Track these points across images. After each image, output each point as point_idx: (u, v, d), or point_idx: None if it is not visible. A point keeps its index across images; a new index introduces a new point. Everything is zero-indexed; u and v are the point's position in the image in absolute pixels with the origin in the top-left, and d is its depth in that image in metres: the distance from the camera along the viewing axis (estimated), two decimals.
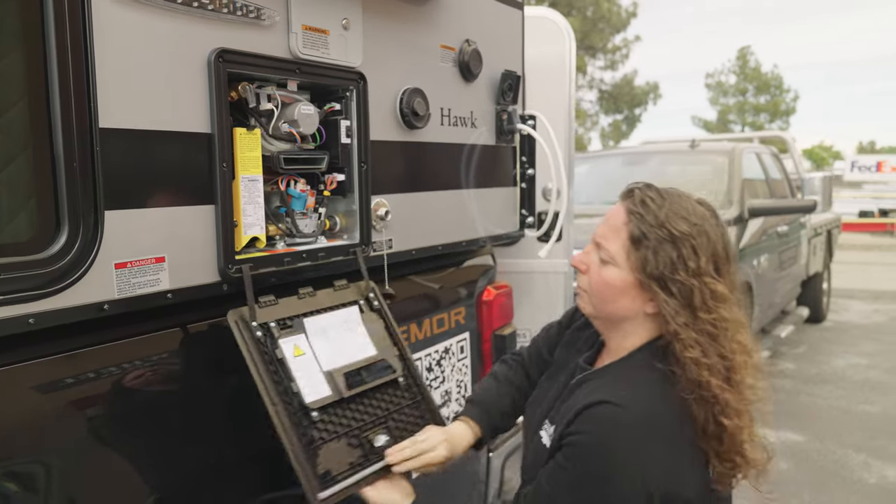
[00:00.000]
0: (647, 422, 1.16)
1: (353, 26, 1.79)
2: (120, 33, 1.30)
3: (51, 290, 1.22)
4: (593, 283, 1.29)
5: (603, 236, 1.28)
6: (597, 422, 1.17)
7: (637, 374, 1.24)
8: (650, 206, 1.23)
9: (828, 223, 8.28)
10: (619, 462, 1.14)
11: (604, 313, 1.30)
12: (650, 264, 1.20)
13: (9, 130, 1.20)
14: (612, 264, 1.25)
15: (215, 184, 1.49)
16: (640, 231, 1.22)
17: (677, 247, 1.20)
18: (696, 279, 1.19)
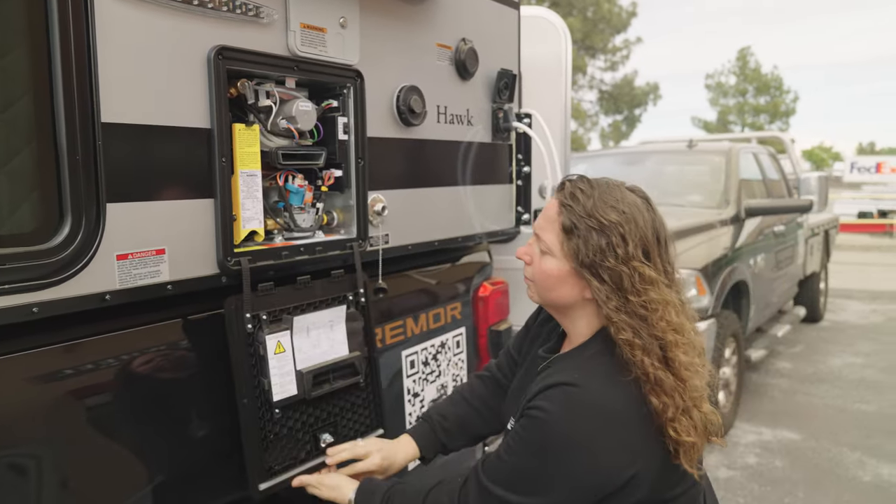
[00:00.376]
0: (601, 401, 1.21)
1: (350, 25, 1.82)
2: (122, 30, 1.33)
3: (54, 280, 1.25)
4: (535, 273, 1.35)
5: (540, 228, 1.33)
6: (555, 400, 1.21)
7: (591, 360, 1.29)
8: (579, 197, 1.28)
9: (825, 223, 8.31)
10: (576, 438, 1.19)
11: (548, 301, 1.36)
12: (581, 252, 1.25)
13: (14, 124, 1.23)
14: (549, 254, 1.31)
15: (215, 178, 1.52)
16: (570, 222, 1.27)
17: (606, 235, 1.25)
18: (624, 265, 1.24)
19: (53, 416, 1.32)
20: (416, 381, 2.26)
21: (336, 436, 1.78)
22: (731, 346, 5.01)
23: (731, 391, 5.10)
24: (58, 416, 1.33)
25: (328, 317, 1.77)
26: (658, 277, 1.26)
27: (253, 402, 1.60)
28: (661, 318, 1.24)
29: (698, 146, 6.50)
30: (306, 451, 1.72)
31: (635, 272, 1.24)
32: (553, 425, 1.20)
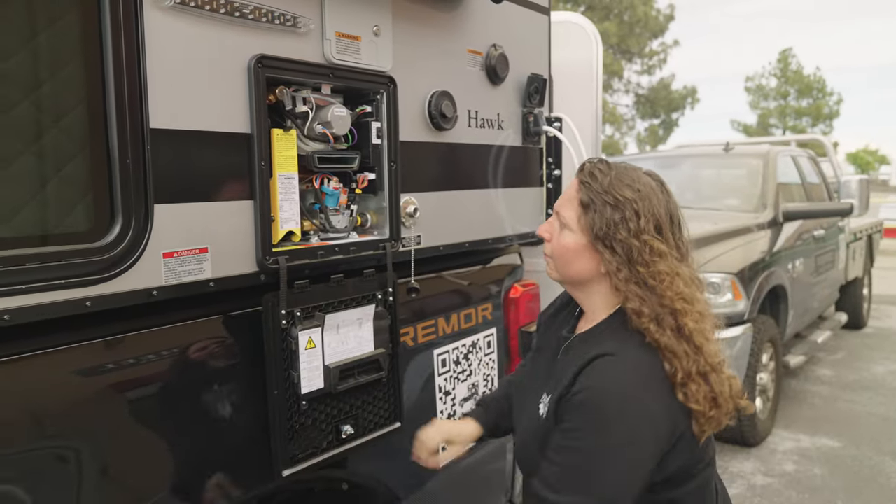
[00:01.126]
0: (640, 364, 1.28)
1: (383, 33, 1.89)
2: (169, 42, 1.42)
3: (105, 277, 1.34)
4: (555, 248, 1.42)
5: (560, 205, 1.42)
6: (597, 373, 1.27)
7: (619, 332, 1.35)
8: (597, 175, 1.37)
9: (868, 227, 8.11)
10: (630, 400, 1.24)
11: (567, 276, 1.42)
12: (596, 225, 1.33)
13: (70, 131, 1.32)
14: (567, 229, 1.39)
15: (254, 181, 1.59)
16: (588, 197, 1.35)
17: (620, 210, 1.32)
18: (636, 238, 1.31)
19: (105, 403, 1.41)
20: (448, 380, 2.30)
21: (357, 428, 1.85)
22: (768, 351, 4.94)
23: (769, 397, 5.02)
24: (105, 405, 1.41)
25: (357, 315, 1.84)
26: (668, 251, 1.33)
27: (282, 393, 1.67)
28: (668, 288, 1.30)
29: (735, 149, 6.43)
30: (328, 442, 1.79)
31: (646, 245, 1.31)
32: (606, 396, 1.24)
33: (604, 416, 1.24)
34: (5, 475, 1.25)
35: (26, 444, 1.28)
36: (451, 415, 2.32)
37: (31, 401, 1.30)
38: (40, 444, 1.31)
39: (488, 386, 2.49)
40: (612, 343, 1.32)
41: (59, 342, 1.32)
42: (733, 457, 4.61)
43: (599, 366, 1.28)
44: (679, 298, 1.30)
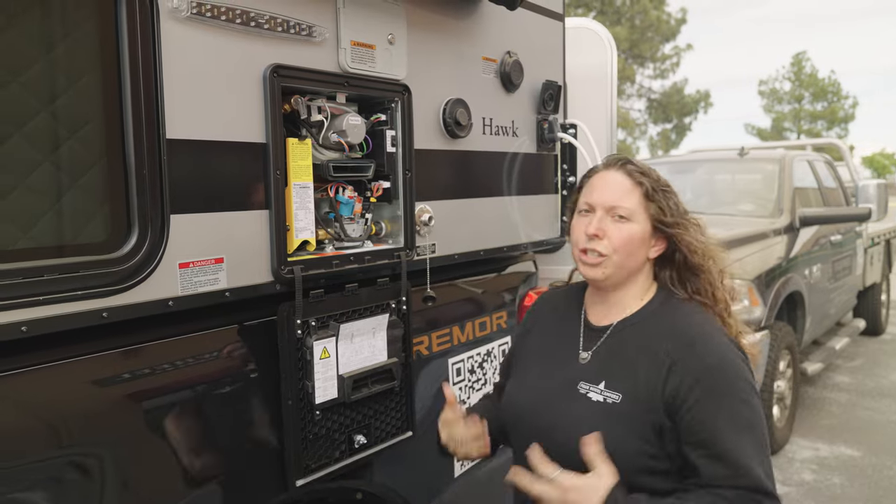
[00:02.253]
0: (721, 329, 1.45)
1: (398, 41, 1.89)
2: (185, 52, 1.42)
3: (122, 287, 1.34)
4: (617, 241, 1.45)
5: (618, 199, 1.47)
6: (707, 350, 1.38)
7: (678, 308, 1.49)
8: (643, 168, 1.51)
9: (886, 232, 8.01)
10: (741, 364, 1.39)
11: (625, 268, 1.48)
12: (668, 210, 1.47)
13: (87, 142, 1.33)
14: (630, 220, 1.46)
15: (270, 190, 1.59)
16: (651, 188, 1.47)
17: (674, 196, 1.50)
18: (686, 216, 1.52)
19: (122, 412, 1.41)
20: (463, 389, 2.29)
21: (369, 437, 1.84)
22: (785, 358, 4.88)
23: (786, 405, 4.96)
24: (126, 415, 1.41)
25: (371, 324, 1.83)
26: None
27: (296, 403, 1.67)
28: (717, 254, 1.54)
29: (750, 154, 6.37)
30: (341, 451, 1.78)
31: (690, 224, 1.51)
32: (730, 368, 1.37)
33: (732, 385, 1.35)
34: (24, 485, 1.25)
35: (45, 455, 1.28)
36: None
37: (49, 412, 1.30)
38: (59, 454, 1.31)
39: None
40: (685, 321, 1.44)
41: (75, 353, 1.32)
42: None
43: (700, 347, 1.38)
44: (721, 261, 1.54)
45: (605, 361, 1.47)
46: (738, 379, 1.36)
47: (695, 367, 1.35)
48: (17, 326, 1.21)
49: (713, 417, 1.32)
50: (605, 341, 1.50)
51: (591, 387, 1.44)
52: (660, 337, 1.42)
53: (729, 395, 1.34)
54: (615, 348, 1.48)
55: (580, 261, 1.50)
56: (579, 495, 1.27)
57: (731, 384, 1.35)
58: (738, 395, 1.34)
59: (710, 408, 1.32)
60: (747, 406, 1.34)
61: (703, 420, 1.32)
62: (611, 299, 1.53)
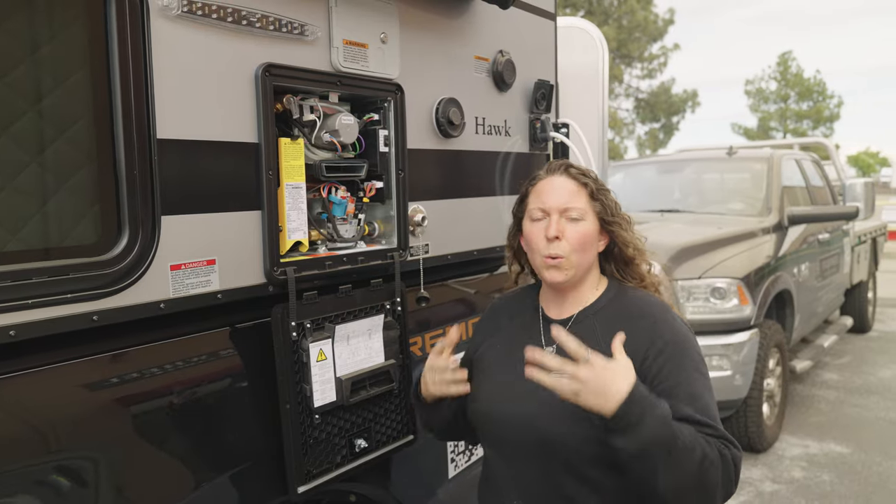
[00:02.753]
0: (669, 308, 1.58)
1: (390, 40, 1.87)
2: (175, 51, 1.40)
3: (113, 290, 1.32)
4: (574, 240, 1.53)
5: (567, 202, 1.55)
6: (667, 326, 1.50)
7: (632, 294, 1.61)
8: (584, 170, 1.62)
9: (872, 231, 8.09)
10: (692, 335, 1.54)
11: (582, 265, 1.56)
12: (609, 209, 1.58)
13: (76, 142, 1.30)
14: (582, 219, 1.55)
15: (262, 191, 1.57)
16: (594, 188, 1.57)
17: (608, 194, 1.61)
18: (620, 212, 1.62)
19: (114, 417, 1.38)
20: None
21: (370, 441, 1.82)
22: (774, 356, 4.91)
23: (776, 403, 4.98)
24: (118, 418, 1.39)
25: (367, 325, 1.81)
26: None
27: (295, 407, 1.64)
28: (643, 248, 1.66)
29: (738, 153, 6.40)
30: (342, 456, 1.76)
31: (624, 218, 1.62)
32: (686, 338, 1.50)
33: (694, 352, 1.49)
34: (13, 490, 1.22)
35: (35, 461, 1.26)
36: None
37: (39, 417, 1.28)
38: (49, 461, 1.28)
39: None
40: (644, 303, 1.56)
41: (65, 357, 1.30)
42: None
43: (662, 323, 1.50)
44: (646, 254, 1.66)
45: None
46: (695, 351, 1.50)
47: (660, 341, 1.46)
48: (5, 331, 1.19)
49: (684, 375, 1.44)
50: (568, 330, 1.49)
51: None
52: (624, 319, 1.51)
53: (690, 362, 1.47)
54: (581, 335, 1.46)
55: (544, 266, 1.54)
56: (613, 375, 1.29)
57: (691, 355, 1.48)
58: (696, 363, 1.48)
59: (676, 371, 1.44)
60: (703, 376, 1.48)
61: (676, 379, 1.42)
62: (568, 295, 1.61)
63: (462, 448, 2.30)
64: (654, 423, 1.25)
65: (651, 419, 1.26)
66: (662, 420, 1.27)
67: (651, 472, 1.29)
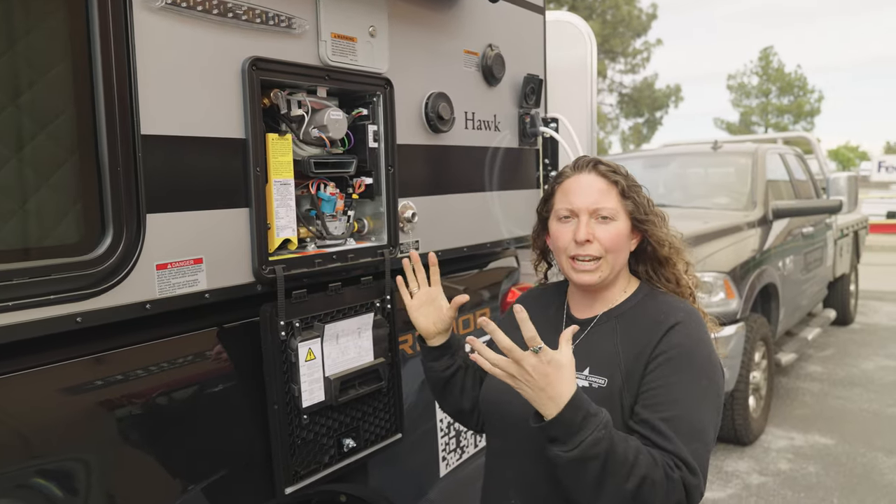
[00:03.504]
0: (702, 322, 1.47)
1: (379, 34, 1.84)
2: (160, 44, 1.36)
3: (97, 290, 1.28)
4: (607, 241, 1.47)
5: (597, 202, 1.48)
6: (682, 334, 1.40)
7: (660, 298, 1.52)
8: (614, 167, 1.53)
9: (854, 224, 8.17)
10: (713, 352, 1.43)
11: (617, 266, 1.50)
12: (641, 206, 1.51)
13: (57, 137, 1.26)
14: (614, 219, 1.48)
15: (249, 188, 1.54)
16: (626, 186, 1.50)
17: (640, 191, 1.53)
18: (654, 209, 1.54)
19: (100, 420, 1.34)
20: None
21: (358, 440, 1.80)
22: (760, 349, 4.94)
23: (762, 395, 5.02)
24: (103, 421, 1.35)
25: (356, 324, 1.79)
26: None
27: (283, 407, 1.62)
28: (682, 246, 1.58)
29: (723, 147, 6.43)
30: (330, 456, 1.74)
31: (658, 216, 1.54)
32: (697, 348, 1.40)
33: (702, 363, 1.38)
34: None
35: (17, 466, 1.22)
36: (451, 423, 2.27)
37: (22, 421, 1.24)
38: (32, 465, 1.24)
39: None
40: (669, 307, 1.46)
41: (48, 360, 1.26)
42: (727, 456, 4.60)
43: (680, 328, 1.41)
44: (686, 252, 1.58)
45: (588, 349, 1.48)
46: (703, 363, 1.39)
47: (667, 345, 1.39)
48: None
49: (674, 380, 1.35)
50: (589, 332, 1.51)
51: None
52: (645, 324, 1.45)
53: (691, 371, 1.37)
54: (598, 337, 1.49)
55: (571, 269, 1.49)
56: (558, 375, 1.22)
57: (696, 364, 1.38)
58: (695, 375, 1.37)
59: (665, 375, 1.36)
60: (700, 388, 1.36)
61: (661, 382, 1.35)
62: (597, 295, 1.55)
63: (453, 446, 2.29)
64: (592, 432, 1.20)
65: (590, 428, 1.20)
66: (603, 429, 1.21)
67: (584, 485, 1.23)
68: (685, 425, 1.31)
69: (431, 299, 1.68)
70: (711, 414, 1.36)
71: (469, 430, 1.79)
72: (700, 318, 1.47)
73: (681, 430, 1.30)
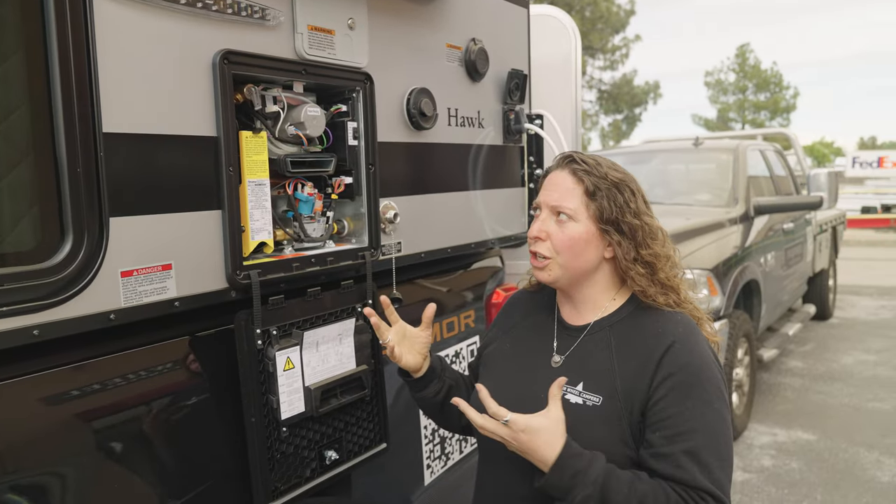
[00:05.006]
0: (701, 336, 1.38)
1: (358, 26, 1.76)
2: (122, 35, 1.27)
3: (55, 301, 1.19)
4: (559, 244, 1.39)
5: (559, 199, 1.40)
6: (683, 353, 1.32)
7: (655, 311, 1.41)
8: (590, 163, 1.41)
9: (833, 219, 8.23)
10: (714, 369, 1.34)
11: (573, 270, 1.41)
12: (606, 210, 1.37)
13: (10, 136, 1.17)
14: (573, 220, 1.38)
15: (222, 188, 1.45)
16: (592, 185, 1.38)
17: (621, 191, 1.39)
18: (637, 219, 1.39)
19: (58, 440, 1.25)
20: None
21: (341, 452, 1.72)
22: (743, 346, 4.94)
23: (744, 392, 5.02)
24: (62, 441, 1.26)
25: (337, 330, 1.71)
26: (660, 231, 1.43)
27: (260, 420, 1.54)
28: (664, 269, 1.41)
29: (705, 144, 6.43)
30: (311, 469, 1.66)
31: (646, 225, 1.40)
32: (701, 369, 1.31)
33: (709, 384, 1.31)
34: None
35: None
36: (435, 430, 2.20)
37: None
38: None
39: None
40: (665, 320, 1.37)
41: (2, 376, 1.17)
42: None
43: (681, 346, 1.32)
44: (673, 276, 1.43)
45: (582, 362, 1.41)
46: (710, 383, 1.32)
47: (672, 366, 1.31)
48: None
49: (686, 407, 1.28)
50: (581, 341, 1.44)
51: (568, 388, 1.37)
52: (641, 339, 1.37)
53: (701, 393, 1.30)
54: (592, 348, 1.42)
55: (532, 265, 1.45)
56: (535, 441, 1.23)
57: (704, 385, 1.31)
58: (707, 397, 1.30)
59: (677, 402, 1.28)
60: (713, 410, 1.29)
61: (673, 411, 1.28)
62: (576, 298, 1.48)
63: (438, 454, 2.22)
64: (581, 491, 1.19)
65: (579, 488, 1.20)
66: (591, 485, 1.20)
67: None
68: (707, 455, 1.26)
69: (403, 335, 1.58)
70: (728, 433, 1.31)
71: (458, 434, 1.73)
72: (698, 331, 1.39)
73: (703, 461, 1.25)
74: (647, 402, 1.30)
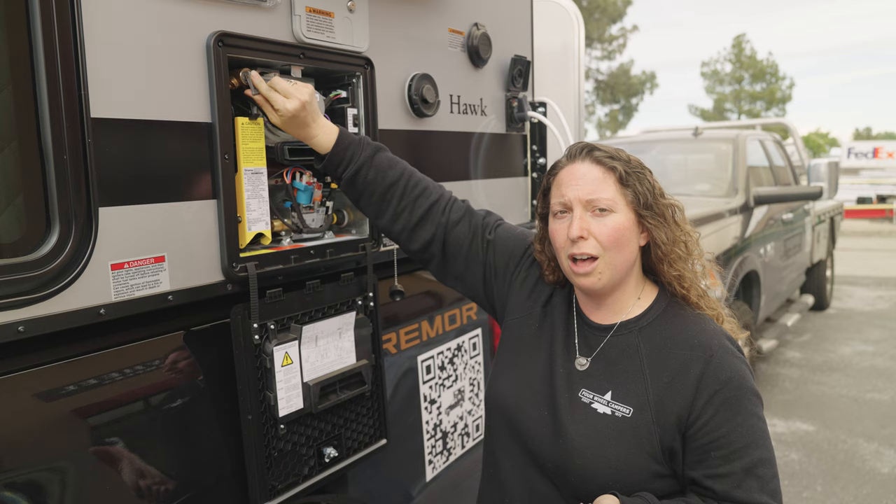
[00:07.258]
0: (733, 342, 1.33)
1: (359, 9, 1.69)
2: (112, 16, 1.20)
3: (41, 295, 1.13)
4: (605, 239, 1.30)
5: (592, 192, 1.32)
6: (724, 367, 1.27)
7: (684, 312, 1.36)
8: (611, 152, 1.35)
9: (831, 210, 8.21)
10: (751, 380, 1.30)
11: (619, 267, 1.33)
12: (642, 195, 1.32)
13: None
14: (612, 211, 1.31)
15: (217, 177, 1.39)
16: (624, 171, 1.32)
17: (646, 176, 1.35)
18: (664, 198, 1.36)
19: (46, 440, 1.20)
20: (433, 387, 2.14)
21: (340, 449, 1.67)
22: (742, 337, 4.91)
23: None
24: (51, 441, 1.21)
25: (337, 324, 1.66)
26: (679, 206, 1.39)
27: (257, 417, 1.48)
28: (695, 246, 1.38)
29: (704, 134, 6.38)
30: (309, 468, 1.61)
31: (671, 206, 1.36)
32: (741, 383, 1.26)
33: (751, 393, 1.27)
34: None
35: None
36: (437, 424, 2.15)
37: None
38: None
39: (474, 391, 2.33)
40: (699, 329, 1.32)
41: None
42: None
43: (719, 359, 1.27)
44: (700, 256, 1.39)
45: (609, 368, 1.33)
46: (752, 392, 1.28)
47: (715, 382, 1.25)
48: None
49: (736, 423, 1.24)
50: (607, 343, 1.36)
51: (595, 396, 1.31)
52: (674, 349, 1.30)
53: (748, 405, 1.26)
54: (619, 354, 1.34)
55: (572, 271, 1.33)
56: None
57: (748, 397, 1.27)
58: (753, 408, 1.27)
59: (727, 419, 1.24)
60: (759, 420, 1.27)
61: (725, 429, 1.23)
62: (605, 301, 1.38)
63: (440, 449, 2.17)
64: None
65: None
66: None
67: None
68: (763, 467, 1.24)
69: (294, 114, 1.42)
70: (768, 435, 1.30)
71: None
72: (732, 339, 1.34)
73: (761, 475, 1.23)
74: (689, 421, 1.25)
